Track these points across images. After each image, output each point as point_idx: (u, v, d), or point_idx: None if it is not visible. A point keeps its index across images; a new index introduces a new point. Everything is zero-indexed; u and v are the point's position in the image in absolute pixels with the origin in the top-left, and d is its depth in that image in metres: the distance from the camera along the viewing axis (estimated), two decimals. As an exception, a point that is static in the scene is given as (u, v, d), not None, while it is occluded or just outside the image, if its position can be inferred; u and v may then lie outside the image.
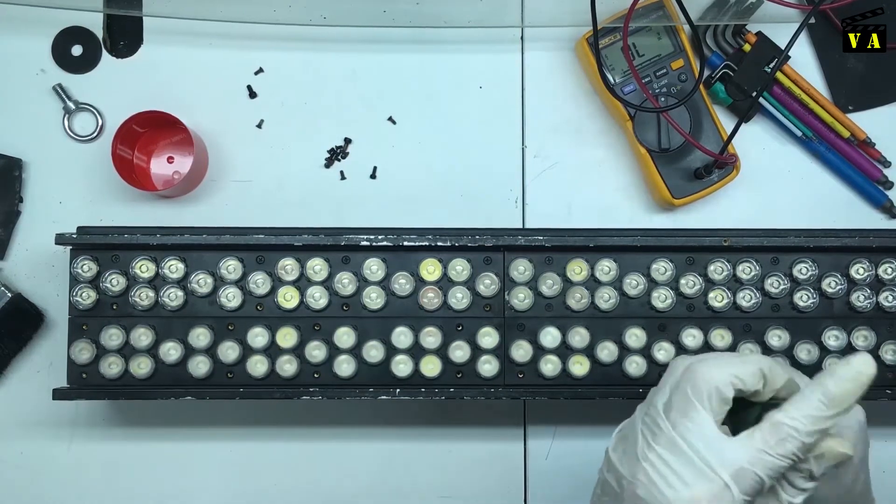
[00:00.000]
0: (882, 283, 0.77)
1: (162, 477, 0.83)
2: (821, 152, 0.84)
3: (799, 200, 0.85)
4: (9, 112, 0.85)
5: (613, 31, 0.82)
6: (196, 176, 0.83)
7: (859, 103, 0.85)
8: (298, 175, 0.85)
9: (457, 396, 0.75)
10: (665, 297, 0.76)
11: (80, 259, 0.75)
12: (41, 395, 0.78)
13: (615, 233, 0.77)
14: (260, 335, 0.76)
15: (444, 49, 0.86)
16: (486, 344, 0.76)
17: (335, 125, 0.85)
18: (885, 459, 0.84)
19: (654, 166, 0.81)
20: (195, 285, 0.76)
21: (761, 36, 0.83)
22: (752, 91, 0.82)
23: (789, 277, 0.77)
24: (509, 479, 0.83)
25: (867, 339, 0.76)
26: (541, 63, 0.86)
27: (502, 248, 0.76)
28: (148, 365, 0.76)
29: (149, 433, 0.83)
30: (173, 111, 0.80)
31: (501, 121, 0.86)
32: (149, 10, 0.83)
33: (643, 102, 0.80)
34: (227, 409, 0.83)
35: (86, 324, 0.76)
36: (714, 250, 0.76)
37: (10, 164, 0.83)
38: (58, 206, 0.84)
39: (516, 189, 0.85)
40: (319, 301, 0.76)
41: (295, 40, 0.85)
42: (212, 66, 0.85)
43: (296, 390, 0.75)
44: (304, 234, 0.75)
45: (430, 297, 0.76)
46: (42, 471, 0.83)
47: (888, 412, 0.83)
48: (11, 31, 0.85)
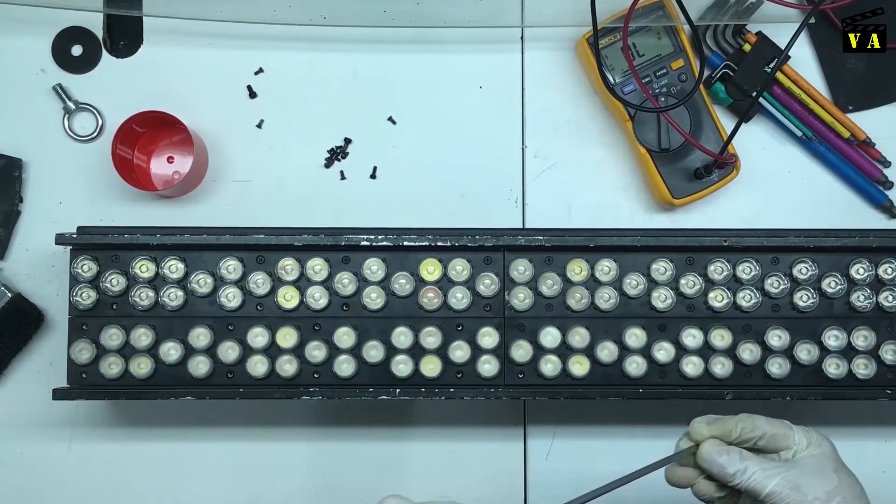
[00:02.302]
0: (882, 283, 0.77)
1: (162, 477, 0.83)
2: (821, 152, 0.84)
3: (799, 200, 0.85)
4: (9, 112, 0.85)
5: (613, 31, 0.82)
6: (196, 176, 0.83)
7: (859, 103, 0.85)
8: (298, 175, 0.85)
9: (457, 396, 0.75)
10: (665, 297, 0.76)
11: (80, 259, 0.75)
12: (41, 395, 0.78)
13: (615, 233, 0.77)
14: (260, 335, 0.76)
15: (444, 49, 0.86)
16: (486, 344, 0.76)
17: (335, 125, 0.85)
18: (886, 459, 0.84)
19: (654, 166, 0.81)
20: (195, 285, 0.75)
21: (761, 36, 0.83)
22: (752, 91, 0.82)
23: (789, 277, 0.76)
24: (509, 479, 0.83)
25: (867, 339, 0.76)
26: (541, 63, 0.86)
27: (502, 248, 0.76)
28: (148, 365, 0.76)
29: (149, 433, 0.83)
30: (173, 111, 0.80)
31: (501, 121, 0.86)
32: (149, 10, 0.83)
33: (643, 102, 0.80)
34: (227, 409, 0.83)
35: (86, 324, 0.76)
36: (714, 250, 0.76)
37: (10, 164, 0.83)
38: (58, 206, 0.84)
39: (516, 189, 0.85)
40: (319, 301, 0.76)
41: (295, 40, 0.85)
42: (212, 66, 0.85)
43: (296, 390, 0.75)
44: (304, 234, 0.75)
45: (430, 297, 0.76)
46: (42, 471, 0.83)
47: (888, 412, 0.83)
48: (11, 31, 0.85)
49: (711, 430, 0.63)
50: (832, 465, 0.62)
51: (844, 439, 0.83)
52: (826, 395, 0.76)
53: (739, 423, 0.63)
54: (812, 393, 0.76)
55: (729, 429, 0.63)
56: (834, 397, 0.76)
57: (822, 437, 0.64)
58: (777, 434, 0.63)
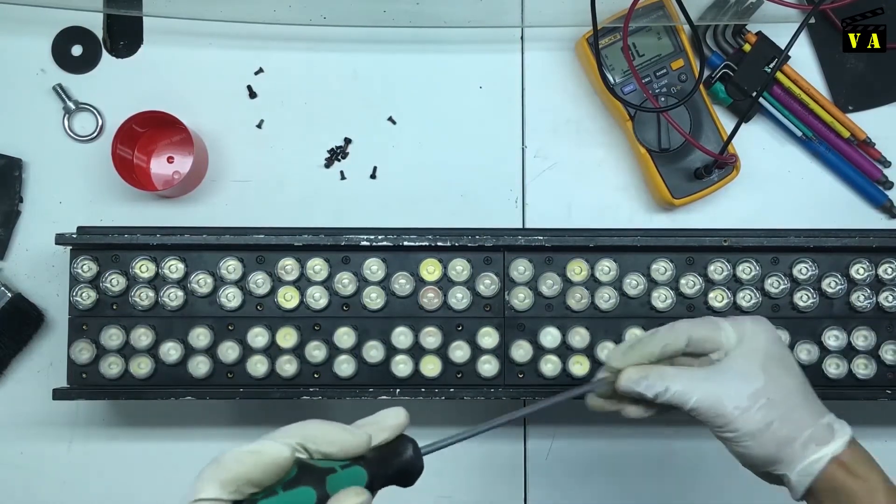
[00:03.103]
0: (882, 283, 0.77)
1: (162, 477, 0.82)
2: (821, 152, 0.84)
3: (799, 200, 0.85)
4: (9, 112, 0.85)
5: (613, 31, 0.81)
6: (196, 176, 0.83)
7: (859, 103, 0.85)
8: (298, 175, 0.85)
9: (457, 396, 0.75)
10: (665, 297, 0.76)
11: (80, 259, 0.75)
12: (41, 395, 0.78)
13: (615, 233, 0.77)
14: (260, 335, 0.76)
15: (444, 49, 0.86)
16: (486, 344, 0.76)
17: (335, 125, 0.85)
18: (886, 459, 0.84)
19: (654, 166, 0.81)
20: (195, 285, 0.75)
21: (761, 36, 0.83)
22: (752, 91, 0.82)
23: (789, 277, 0.76)
24: (509, 479, 0.83)
25: (867, 339, 0.76)
26: (541, 63, 0.86)
27: (502, 248, 0.76)
28: (148, 365, 0.76)
29: (149, 433, 0.83)
30: (173, 111, 0.80)
31: (501, 121, 0.86)
32: (149, 10, 0.83)
33: (643, 102, 0.80)
34: (227, 409, 0.83)
35: (86, 324, 0.76)
36: (714, 250, 0.76)
37: (10, 164, 0.83)
38: (58, 206, 0.84)
39: (516, 189, 0.85)
40: (319, 301, 0.76)
41: (295, 40, 0.85)
42: (212, 66, 0.85)
43: (296, 390, 0.75)
44: (304, 234, 0.75)
45: (430, 297, 0.76)
46: (42, 471, 0.83)
47: (888, 412, 0.83)
48: (11, 31, 0.85)
49: (629, 360, 0.59)
50: (760, 361, 0.58)
51: (844, 439, 0.84)
52: (826, 395, 0.75)
53: (660, 342, 0.59)
54: (812, 393, 0.75)
55: (649, 351, 0.59)
56: (834, 397, 0.75)
57: (758, 327, 0.59)
58: (703, 337, 0.59)
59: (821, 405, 0.59)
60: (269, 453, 0.46)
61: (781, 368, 0.59)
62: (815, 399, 0.60)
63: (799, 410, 0.58)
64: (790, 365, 0.59)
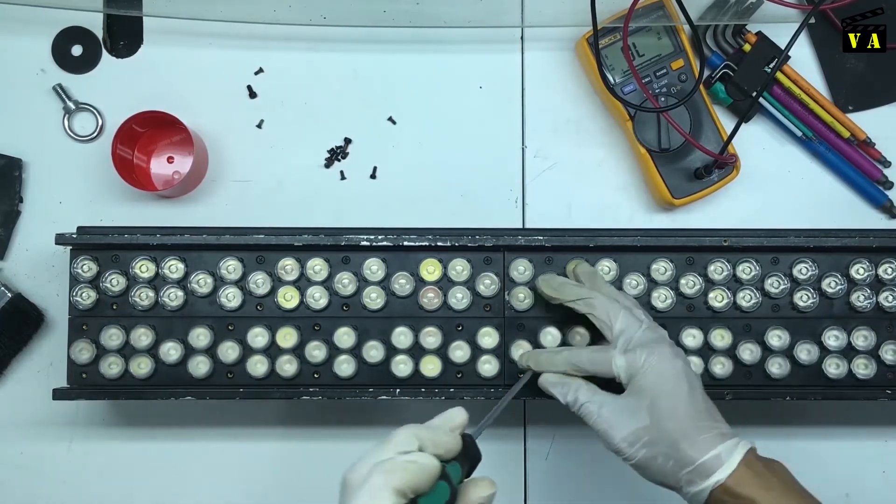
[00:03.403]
0: (882, 283, 0.77)
1: (162, 477, 0.83)
2: (821, 152, 0.84)
3: (799, 200, 0.85)
4: (9, 112, 0.85)
5: (613, 31, 0.82)
6: (196, 176, 0.83)
7: (859, 103, 0.85)
8: (298, 175, 0.85)
9: (457, 396, 0.75)
10: (665, 297, 0.76)
11: (80, 259, 0.75)
12: (41, 395, 0.78)
13: (615, 233, 0.77)
14: (260, 335, 0.76)
15: (444, 49, 0.86)
16: (486, 344, 0.76)
17: (335, 125, 0.85)
18: (886, 459, 0.84)
19: (654, 166, 0.81)
20: (195, 285, 0.76)
21: (761, 36, 0.83)
22: (752, 91, 0.82)
23: (789, 277, 0.76)
24: (509, 479, 0.83)
25: (867, 339, 0.76)
26: (541, 63, 0.86)
27: (502, 248, 0.76)
28: (148, 365, 0.76)
29: (149, 433, 0.83)
30: (173, 111, 0.80)
31: (501, 121, 0.86)
32: (149, 10, 0.83)
33: (643, 102, 0.80)
34: (227, 409, 0.83)
35: (86, 324, 0.76)
36: (714, 250, 0.76)
37: (10, 164, 0.83)
38: (58, 206, 0.84)
39: (516, 189, 0.85)
40: (319, 301, 0.76)
41: (295, 40, 0.85)
42: (212, 66, 0.85)
43: (296, 390, 0.75)
44: (304, 234, 0.75)
45: (430, 297, 0.76)
46: (42, 471, 0.83)
47: (888, 412, 0.83)
48: (11, 31, 0.85)
49: (539, 367, 0.68)
50: (648, 399, 0.62)
51: (844, 439, 0.84)
52: (826, 395, 0.76)
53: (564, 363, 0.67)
54: (812, 393, 0.76)
55: (555, 365, 0.67)
56: (834, 397, 0.76)
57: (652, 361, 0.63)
58: (597, 370, 0.65)
59: (716, 432, 0.62)
60: (426, 463, 0.51)
61: (672, 403, 0.62)
62: (712, 427, 0.62)
63: (684, 448, 0.61)
64: (682, 398, 0.62)
